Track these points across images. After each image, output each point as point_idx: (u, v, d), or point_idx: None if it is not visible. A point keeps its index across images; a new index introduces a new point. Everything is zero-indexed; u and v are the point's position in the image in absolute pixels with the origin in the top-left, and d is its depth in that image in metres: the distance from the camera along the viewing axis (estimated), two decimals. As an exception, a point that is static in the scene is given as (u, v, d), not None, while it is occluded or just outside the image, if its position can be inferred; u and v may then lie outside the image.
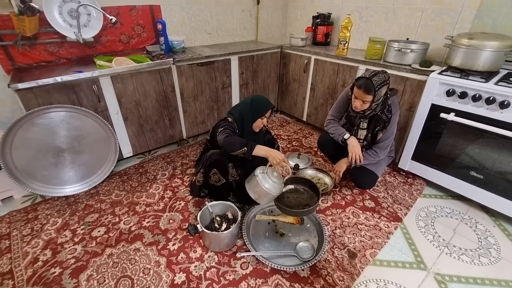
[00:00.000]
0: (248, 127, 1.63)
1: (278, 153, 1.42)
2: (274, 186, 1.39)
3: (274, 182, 1.39)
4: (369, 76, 1.48)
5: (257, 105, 1.63)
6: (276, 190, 1.39)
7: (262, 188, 1.37)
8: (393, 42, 2.00)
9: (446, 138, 1.75)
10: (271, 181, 1.38)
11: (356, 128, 1.71)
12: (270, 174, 1.40)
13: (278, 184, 1.41)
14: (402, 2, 2.23)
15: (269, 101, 1.66)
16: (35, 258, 1.40)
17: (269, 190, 1.37)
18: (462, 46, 1.68)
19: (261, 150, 1.42)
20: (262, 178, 1.38)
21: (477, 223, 1.66)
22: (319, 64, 2.46)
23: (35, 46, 1.86)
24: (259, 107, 1.62)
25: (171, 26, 2.40)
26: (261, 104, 1.63)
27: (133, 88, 1.94)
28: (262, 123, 1.64)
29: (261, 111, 1.61)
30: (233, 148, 1.42)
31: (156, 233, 1.54)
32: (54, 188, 1.79)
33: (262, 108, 1.62)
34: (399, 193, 1.89)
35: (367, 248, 1.47)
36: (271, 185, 1.38)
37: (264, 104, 1.63)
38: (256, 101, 1.64)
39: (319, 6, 2.82)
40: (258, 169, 1.43)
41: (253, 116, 1.62)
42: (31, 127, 1.61)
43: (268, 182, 1.38)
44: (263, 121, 1.64)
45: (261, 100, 1.64)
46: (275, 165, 1.41)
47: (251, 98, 1.66)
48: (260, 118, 1.62)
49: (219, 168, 1.60)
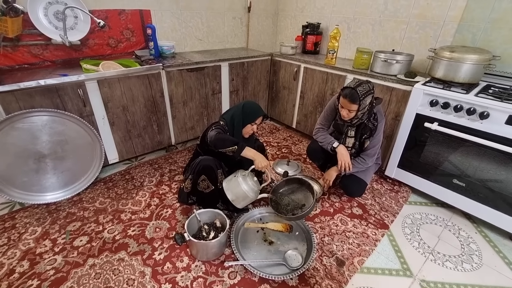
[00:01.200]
0: (238, 131, 1.62)
1: (264, 159, 1.48)
2: (252, 190, 1.49)
3: (253, 186, 1.49)
4: (353, 86, 1.52)
5: (248, 110, 1.62)
6: (253, 194, 1.49)
7: (241, 190, 1.46)
8: (380, 53, 2.06)
9: (430, 147, 1.80)
10: (250, 184, 1.48)
11: (344, 136, 1.74)
12: (251, 178, 1.50)
13: (256, 189, 1.51)
14: (388, 15, 2.31)
15: (261, 108, 1.65)
16: (11, 270, 1.32)
17: (247, 193, 1.46)
18: (444, 58, 1.75)
19: (250, 152, 1.47)
20: (243, 180, 1.48)
21: (460, 229, 1.71)
22: (308, 72, 2.50)
23: (18, 48, 1.80)
24: (250, 113, 1.61)
25: (161, 31, 2.39)
26: (252, 110, 1.62)
27: (120, 93, 1.90)
28: (252, 129, 1.64)
29: (251, 117, 1.61)
30: (223, 144, 1.43)
31: (142, 242, 1.50)
32: (34, 195, 1.71)
33: (252, 114, 1.61)
34: (386, 200, 1.92)
35: (355, 256, 1.48)
36: (250, 188, 1.47)
37: (255, 110, 1.62)
38: (248, 106, 1.64)
39: (308, 16, 2.88)
40: (240, 172, 1.53)
41: (244, 121, 1.61)
42: (10, 131, 1.54)
43: (248, 184, 1.48)
44: (252, 127, 1.63)
45: (252, 106, 1.64)
46: (259, 169, 1.48)
47: (243, 103, 1.66)
48: (250, 124, 1.61)
49: (208, 175, 1.58)
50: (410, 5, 2.16)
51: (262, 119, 1.66)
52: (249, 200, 1.51)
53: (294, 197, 1.62)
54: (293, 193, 1.65)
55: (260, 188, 1.55)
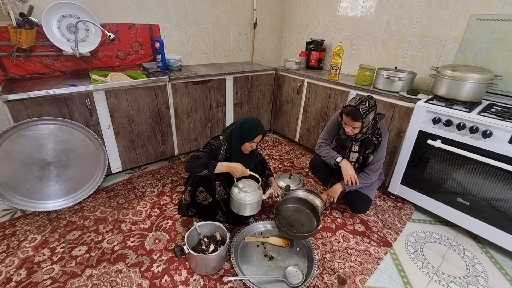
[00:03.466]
0: (236, 148, 1.60)
1: (237, 167, 1.51)
2: (247, 195, 1.53)
3: (245, 191, 1.53)
4: (355, 104, 1.53)
5: (246, 129, 1.57)
6: (250, 198, 1.53)
7: (236, 200, 1.53)
8: (382, 70, 2.09)
9: (434, 164, 1.79)
10: (242, 192, 1.53)
11: (348, 151, 1.74)
12: (240, 186, 1.55)
13: (250, 193, 1.54)
14: (391, 33, 2.36)
15: (259, 127, 1.58)
16: (8, 278, 1.31)
17: (242, 200, 1.52)
18: (446, 77, 1.77)
19: (223, 167, 1.51)
20: (234, 191, 1.55)
21: (465, 249, 1.67)
22: (312, 87, 2.53)
23: (30, 58, 1.86)
24: (247, 132, 1.56)
25: (169, 44, 2.46)
26: (250, 129, 1.57)
27: (127, 104, 1.94)
28: (251, 146, 1.59)
29: (249, 136, 1.56)
30: (196, 170, 1.51)
31: (141, 254, 1.48)
32: (36, 202, 1.72)
33: (250, 133, 1.56)
34: (389, 217, 1.89)
35: (357, 274, 1.45)
36: (243, 195, 1.52)
37: (253, 129, 1.56)
38: (246, 124, 1.58)
39: (312, 33, 2.95)
40: (232, 186, 1.58)
41: (241, 139, 1.57)
42: (18, 139, 1.57)
43: (240, 193, 1.53)
44: (251, 145, 1.58)
45: (251, 125, 1.58)
46: (238, 177, 1.54)
47: (242, 120, 1.61)
48: (248, 142, 1.57)
49: (205, 186, 1.59)
50: (412, 24, 2.21)
51: (262, 136, 1.62)
52: (250, 206, 1.54)
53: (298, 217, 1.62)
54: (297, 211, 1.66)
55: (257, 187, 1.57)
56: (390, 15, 2.33)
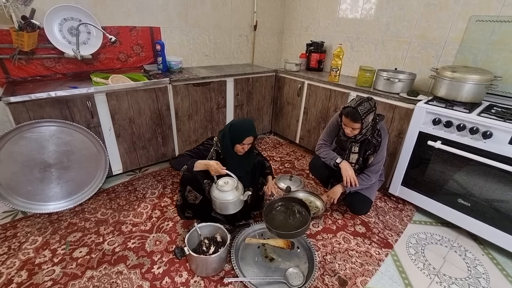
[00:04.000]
0: (229, 150, 1.60)
1: (212, 164, 1.51)
2: (225, 194, 1.50)
3: (223, 191, 1.50)
4: (354, 106, 1.54)
5: (235, 131, 1.55)
6: (229, 196, 1.50)
7: (215, 200, 1.51)
8: (382, 71, 2.10)
9: (434, 165, 1.79)
10: (218, 190, 1.50)
11: (347, 152, 1.74)
12: (218, 185, 1.52)
13: (229, 192, 1.50)
14: (390, 35, 2.37)
15: (250, 129, 1.55)
16: (9, 280, 1.31)
17: (218, 198, 1.50)
18: (446, 78, 1.78)
19: (200, 164, 1.54)
20: (212, 190, 1.54)
21: (466, 251, 1.67)
22: (312, 88, 2.54)
23: (32, 60, 1.88)
24: (236, 134, 1.55)
25: (169, 47, 2.47)
26: (238, 131, 1.55)
27: (128, 106, 1.95)
28: (242, 148, 1.57)
29: (238, 138, 1.54)
30: (177, 167, 1.58)
31: (141, 255, 1.48)
32: (37, 204, 1.72)
33: (239, 136, 1.54)
34: (389, 219, 1.89)
35: (358, 276, 1.44)
36: (220, 194, 1.50)
37: (242, 131, 1.54)
38: (235, 126, 1.57)
39: (313, 35, 2.97)
40: (212, 188, 1.56)
41: (231, 141, 1.57)
42: (19, 140, 1.58)
43: (215, 191, 1.51)
44: (242, 146, 1.56)
45: (240, 126, 1.56)
46: (214, 174, 1.53)
47: (231, 123, 1.60)
48: (239, 144, 1.56)
49: (192, 185, 1.62)
50: (411, 26, 2.22)
51: (254, 139, 1.59)
52: (229, 203, 1.51)
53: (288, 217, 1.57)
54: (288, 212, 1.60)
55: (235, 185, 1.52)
56: (389, 17, 2.34)
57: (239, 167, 1.64)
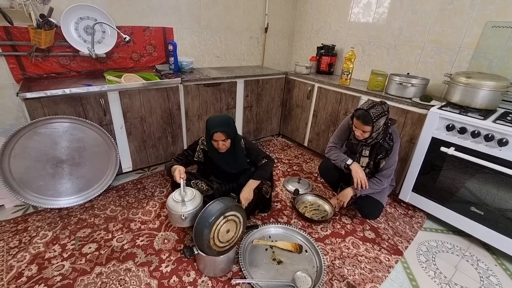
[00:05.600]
0: (211, 149, 1.60)
1: (174, 170, 1.47)
2: (176, 205, 1.35)
3: (175, 200, 1.36)
4: (366, 108, 1.52)
5: (206, 126, 1.55)
6: (175, 209, 1.34)
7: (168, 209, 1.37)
8: (395, 75, 2.08)
9: (447, 172, 1.76)
10: (172, 200, 1.37)
11: (358, 155, 1.72)
12: (173, 195, 1.38)
13: (178, 202, 1.35)
14: (403, 39, 2.35)
15: (219, 124, 1.50)
16: (20, 273, 1.33)
17: (171, 209, 1.35)
18: (461, 84, 1.75)
19: (174, 171, 1.48)
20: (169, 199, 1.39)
21: (478, 260, 1.63)
22: (322, 92, 2.53)
23: (48, 58, 1.91)
24: (207, 129, 1.54)
25: (181, 47, 2.49)
26: (208, 126, 1.53)
27: (139, 104, 1.97)
28: (217, 144, 1.54)
29: (208, 134, 1.53)
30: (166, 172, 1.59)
31: (150, 253, 1.49)
32: (48, 199, 1.74)
33: (208, 131, 1.53)
34: (399, 225, 1.86)
35: (367, 282, 1.42)
36: (172, 204, 1.35)
37: (210, 126, 1.51)
38: (208, 121, 1.55)
39: (324, 38, 2.96)
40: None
41: (206, 137, 1.57)
42: (33, 136, 1.60)
43: (170, 201, 1.37)
44: (217, 143, 1.54)
45: (210, 121, 1.54)
46: (178, 181, 1.41)
47: (208, 118, 1.58)
48: (213, 141, 1.54)
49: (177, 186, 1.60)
50: (425, 31, 2.20)
51: (226, 135, 1.51)
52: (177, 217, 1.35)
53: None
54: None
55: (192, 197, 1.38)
56: (403, 22, 2.32)
57: (224, 166, 1.64)
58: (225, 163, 1.64)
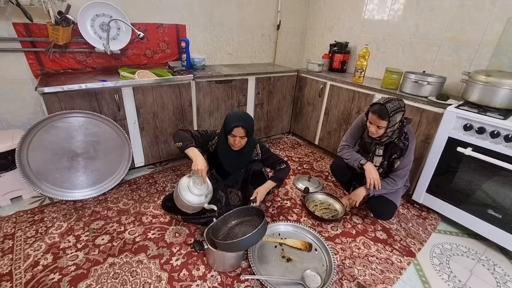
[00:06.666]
0: (223, 142, 1.60)
1: (200, 163, 1.42)
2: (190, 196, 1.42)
3: (193, 192, 1.42)
4: (383, 102, 1.49)
5: (226, 119, 1.54)
6: (193, 199, 1.42)
7: (178, 193, 1.43)
8: (410, 73, 2.03)
9: (463, 173, 1.71)
10: (187, 187, 1.42)
11: (371, 154, 1.69)
12: (192, 183, 1.44)
13: (197, 196, 1.43)
14: (419, 36, 2.29)
15: (240, 118, 1.50)
16: (36, 262, 1.37)
17: (183, 196, 1.41)
18: (480, 82, 1.69)
19: (191, 152, 1.45)
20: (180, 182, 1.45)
21: (495, 265, 1.57)
22: (334, 89, 2.50)
23: (65, 54, 1.96)
24: (226, 123, 1.53)
25: (194, 44, 2.51)
26: (229, 120, 1.52)
27: (152, 100, 2.00)
28: (234, 141, 1.53)
29: (227, 127, 1.52)
30: (174, 139, 1.53)
31: (161, 246, 1.51)
32: (63, 191, 1.79)
33: (228, 124, 1.52)
34: (412, 227, 1.82)
35: (378, 283, 1.39)
36: (186, 192, 1.42)
37: (231, 120, 1.51)
38: (229, 116, 1.55)
39: (337, 35, 2.92)
40: (185, 176, 1.49)
41: (224, 130, 1.55)
42: (50, 129, 1.65)
43: (184, 187, 1.43)
44: (234, 139, 1.53)
45: (232, 116, 1.53)
46: (194, 171, 1.43)
47: (229, 113, 1.58)
48: (230, 136, 1.53)
49: None
50: (442, 28, 2.13)
51: (246, 132, 1.50)
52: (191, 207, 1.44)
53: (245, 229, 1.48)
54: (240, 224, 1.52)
55: (204, 193, 1.45)
56: (419, 18, 2.26)
57: (230, 163, 1.62)
58: (229, 161, 1.62)
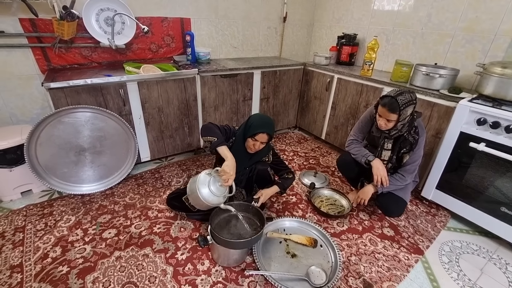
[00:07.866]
0: (239, 142, 1.55)
1: (231, 167, 1.38)
2: (210, 196, 1.37)
3: (213, 193, 1.37)
4: (394, 95, 1.44)
5: (251, 122, 1.49)
6: (212, 199, 1.37)
7: (194, 187, 1.37)
8: (421, 66, 1.96)
9: (475, 169, 1.65)
10: (207, 186, 1.37)
11: (380, 149, 1.65)
12: (212, 182, 1.39)
13: (216, 197, 1.38)
14: (431, 27, 2.20)
15: (267, 125, 1.46)
16: (45, 254, 1.40)
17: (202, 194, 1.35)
18: (495, 74, 1.62)
19: (223, 151, 1.42)
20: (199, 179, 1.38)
21: (507, 264, 1.53)
22: (342, 83, 2.44)
23: (71, 49, 1.97)
24: (251, 126, 1.47)
25: (199, 38, 2.48)
26: (255, 124, 1.47)
27: (157, 95, 1.99)
28: (254, 145, 1.49)
29: (251, 130, 1.46)
30: (206, 133, 1.45)
31: (166, 240, 1.52)
32: (71, 185, 1.82)
33: (253, 128, 1.46)
34: (421, 223, 1.78)
35: (384, 280, 1.37)
36: (206, 191, 1.36)
37: (258, 125, 1.46)
38: (253, 118, 1.51)
39: (345, 27, 2.84)
40: (203, 172, 1.43)
41: (245, 133, 1.50)
42: (57, 125, 1.67)
43: (203, 185, 1.37)
44: (254, 143, 1.48)
45: (257, 120, 1.49)
46: (221, 172, 1.39)
47: (252, 114, 1.52)
48: (251, 139, 1.48)
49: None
50: (456, 18, 2.04)
51: (269, 139, 1.48)
52: (208, 206, 1.39)
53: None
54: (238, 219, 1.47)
55: (223, 194, 1.42)
56: (431, 8, 2.17)
57: (240, 164, 1.55)
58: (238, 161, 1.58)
